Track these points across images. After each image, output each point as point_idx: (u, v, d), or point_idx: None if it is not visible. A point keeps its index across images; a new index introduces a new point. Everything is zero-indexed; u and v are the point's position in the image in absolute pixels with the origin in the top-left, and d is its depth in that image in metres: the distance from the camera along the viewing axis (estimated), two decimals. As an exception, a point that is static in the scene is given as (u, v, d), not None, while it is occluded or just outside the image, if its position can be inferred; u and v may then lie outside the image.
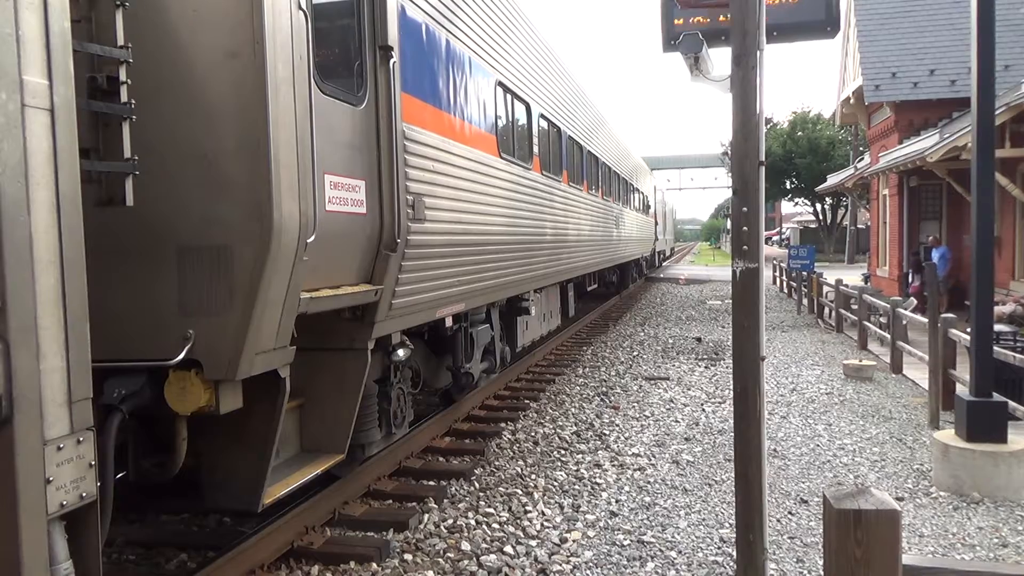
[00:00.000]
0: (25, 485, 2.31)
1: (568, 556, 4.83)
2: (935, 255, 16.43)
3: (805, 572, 4.61)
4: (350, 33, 4.66)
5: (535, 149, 9.26)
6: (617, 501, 5.80)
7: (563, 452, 7.08)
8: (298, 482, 4.36)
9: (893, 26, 19.77)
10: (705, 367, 11.54)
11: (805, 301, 19.29)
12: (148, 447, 3.92)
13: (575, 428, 7.93)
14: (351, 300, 4.55)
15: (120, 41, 3.22)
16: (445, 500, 5.81)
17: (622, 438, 7.54)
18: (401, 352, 5.59)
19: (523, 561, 4.76)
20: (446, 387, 7.55)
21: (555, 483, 6.21)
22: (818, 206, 51.32)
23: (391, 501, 5.77)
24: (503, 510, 5.61)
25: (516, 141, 8.48)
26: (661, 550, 4.93)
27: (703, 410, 8.73)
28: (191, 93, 3.53)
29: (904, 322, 10.90)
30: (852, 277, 21.95)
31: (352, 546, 4.87)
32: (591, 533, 5.21)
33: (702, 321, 17.55)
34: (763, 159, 3.10)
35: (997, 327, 8.82)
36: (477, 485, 6.16)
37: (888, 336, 11.37)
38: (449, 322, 6.73)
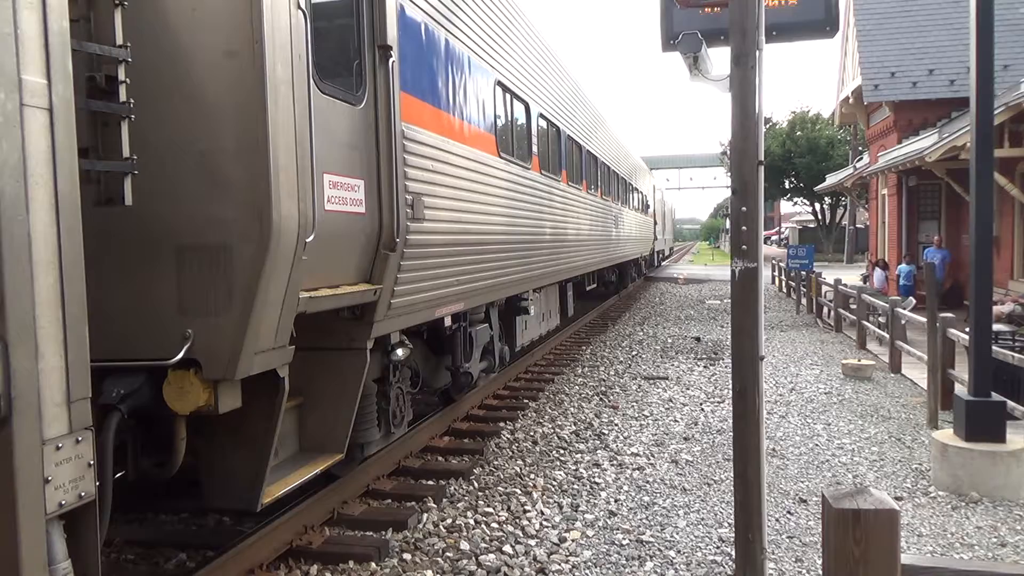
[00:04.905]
0: (24, 485, 2.31)
1: (567, 555, 4.84)
2: (927, 254, 16.50)
3: (804, 572, 4.61)
4: (349, 32, 4.66)
5: (534, 148, 9.26)
6: (616, 500, 5.80)
7: (562, 451, 7.08)
8: (297, 482, 4.36)
9: (892, 26, 19.78)
10: (704, 367, 11.54)
11: (804, 301, 19.30)
12: (147, 447, 3.91)
13: (574, 427, 7.93)
14: (350, 300, 4.55)
15: (119, 40, 3.22)
16: (444, 499, 5.81)
17: (621, 437, 7.54)
18: (400, 352, 5.59)
19: (522, 560, 4.76)
20: (445, 387, 7.55)
21: (554, 482, 6.21)
22: (817, 206, 51.37)
23: (390, 501, 5.77)
24: (502, 509, 5.61)
25: (515, 140, 8.47)
26: (660, 549, 4.93)
27: (702, 410, 8.73)
28: (190, 92, 3.53)
29: (903, 322, 10.91)
30: (851, 277, 21.99)
31: (351, 546, 4.88)
32: (590, 532, 5.21)
33: (701, 320, 17.55)
34: (762, 159, 3.10)
35: (996, 327, 8.84)
36: (476, 484, 6.15)
37: (887, 335, 11.38)
38: (448, 321, 6.73)
